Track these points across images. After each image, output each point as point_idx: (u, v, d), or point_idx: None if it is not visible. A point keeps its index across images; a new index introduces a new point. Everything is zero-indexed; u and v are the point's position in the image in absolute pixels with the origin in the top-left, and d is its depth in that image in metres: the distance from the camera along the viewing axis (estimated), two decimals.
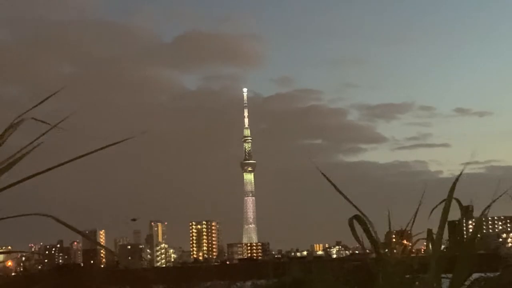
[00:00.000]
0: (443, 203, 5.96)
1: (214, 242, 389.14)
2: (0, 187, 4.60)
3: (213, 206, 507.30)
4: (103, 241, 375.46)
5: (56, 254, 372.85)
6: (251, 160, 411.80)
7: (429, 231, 5.97)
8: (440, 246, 5.76)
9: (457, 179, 5.86)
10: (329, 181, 6.16)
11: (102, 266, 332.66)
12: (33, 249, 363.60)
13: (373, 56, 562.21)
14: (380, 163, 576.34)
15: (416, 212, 5.98)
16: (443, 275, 5.81)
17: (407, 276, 6.16)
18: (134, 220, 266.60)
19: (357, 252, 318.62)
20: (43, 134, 4.62)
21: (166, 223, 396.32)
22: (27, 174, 4.63)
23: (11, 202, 4.71)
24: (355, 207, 6.11)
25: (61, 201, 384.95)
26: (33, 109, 4.87)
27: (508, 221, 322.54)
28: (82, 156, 4.72)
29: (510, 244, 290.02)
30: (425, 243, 6.87)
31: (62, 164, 4.67)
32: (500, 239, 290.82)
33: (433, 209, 6.03)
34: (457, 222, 6.13)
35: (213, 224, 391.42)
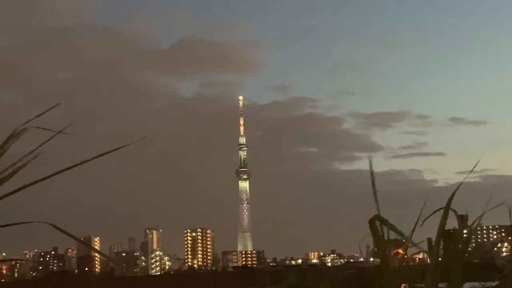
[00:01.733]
0: (437, 213, 5.96)
1: (209, 250, 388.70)
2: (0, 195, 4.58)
3: (208, 213, 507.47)
4: (98, 248, 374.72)
5: (51, 261, 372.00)
6: (246, 168, 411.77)
7: (429, 241, 5.96)
8: (438, 256, 5.75)
9: (454, 192, 5.87)
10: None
11: (96, 273, 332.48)
12: (27, 256, 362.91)
13: (369, 64, 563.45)
14: (376, 172, 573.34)
15: (416, 222, 5.96)
16: (440, 285, 5.81)
17: (404, 285, 6.16)
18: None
19: (352, 260, 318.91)
20: (45, 142, 4.60)
21: (161, 230, 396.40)
22: (24, 181, 4.62)
23: (5, 209, 4.70)
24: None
25: (56, 208, 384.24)
26: (31, 117, 4.86)
27: (503, 230, 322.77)
28: (79, 164, 4.71)
29: (504, 254, 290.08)
30: (419, 252, 6.87)
31: (60, 172, 4.66)
32: (495, 248, 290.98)
33: (426, 218, 6.02)
34: (451, 231, 6.13)
35: (208, 231, 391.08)
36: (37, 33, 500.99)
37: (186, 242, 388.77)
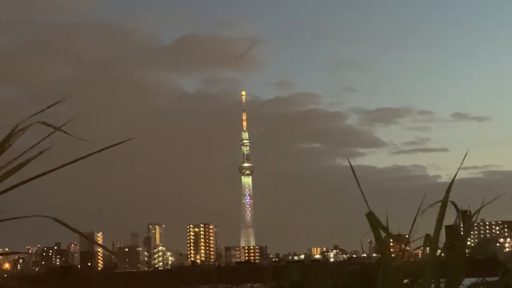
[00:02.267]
0: (436, 206, 5.95)
1: (211, 246, 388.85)
2: (1, 189, 4.58)
3: (211, 209, 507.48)
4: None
5: (54, 256, 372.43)
6: (249, 163, 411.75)
7: (427, 236, 5.97)
8: (436, 251, 5.74)
9: (450, 186, 5.86)
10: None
11: (99, 268, 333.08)
12: (30, 251, 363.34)
13: (372, 60, 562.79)
14: (379, 168, 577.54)
15: (416, 217, 5.96)
16: (441, 280, 5.81)
17: (406, 280, 6.16)
18: None
19: (354, 256, 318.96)
20: (46, 137, 4.59)
21: (164, 225, 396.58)
22: (26, 176, 4.61)
23: (7, 204, 4.70)
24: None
25: (58, 203, 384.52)
26: (34, 113, 4.84)
27: (506, 225, 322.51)
28: (79, 159, 4.71)
29: (507, 249, 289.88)
30: (420, 247, 6.87)
31: (59, 167, 4.65)
32: (498, 244, 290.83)
33: (423, 210, 6.01)
34: (453, 226, 6.12)
35: (210, 227, 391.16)
36: (39, 31, 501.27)
37: (189, 238, 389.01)
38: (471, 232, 6.14)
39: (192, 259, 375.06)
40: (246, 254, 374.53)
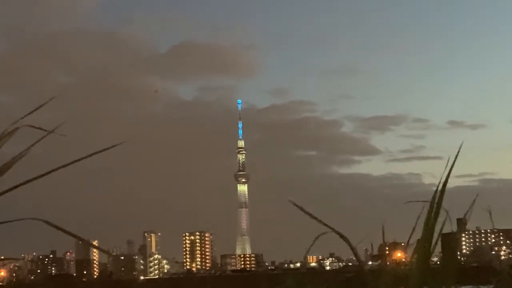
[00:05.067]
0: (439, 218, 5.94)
1: (207, 253, 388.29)
2: None
3: (206, 217, 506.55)
4: (96, 251, 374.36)
5: (49, 264, 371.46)
6: (245, 171, 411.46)
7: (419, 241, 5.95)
8: (421, 258, 5.72)
9: (439, 188, 5.85)
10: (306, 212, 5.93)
11: (95, 276, 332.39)
12: (25, 259, 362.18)
13: (367, 68, 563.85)
14: (374, 175, 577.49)
15: (415, 225, 5.95)
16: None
17: None
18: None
19: (350, 264, 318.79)
20: (38, 141, 4.57)
21: (159, 233, 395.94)
22: (19, 182, 4.59)
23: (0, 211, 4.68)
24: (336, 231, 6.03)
25: (53, 210, 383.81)
26: (27, 118, 4.82)
27: (501, 234, 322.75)
28: (68, 164, 4.68)
29: (503, 257, 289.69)
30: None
31: (48, 172, 4.63)
32: (493, 252, 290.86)
33: (407, 202, 6.00)
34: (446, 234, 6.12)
35: (206, 235, 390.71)
36: (35, 37, 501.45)
37: (184, 246, 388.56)
38: (466, 239, 6.13)
39: (188, 267, 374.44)
40: (242, 262, 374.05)
